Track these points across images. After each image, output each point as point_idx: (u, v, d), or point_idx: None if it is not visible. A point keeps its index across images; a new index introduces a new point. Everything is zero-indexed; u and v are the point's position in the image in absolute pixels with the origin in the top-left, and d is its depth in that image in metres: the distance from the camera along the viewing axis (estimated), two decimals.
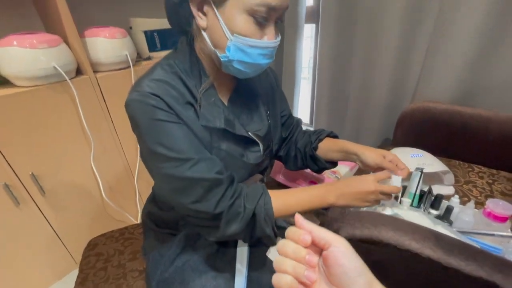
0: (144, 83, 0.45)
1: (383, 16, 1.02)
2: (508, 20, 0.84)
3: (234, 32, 0.44)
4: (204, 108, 0.49)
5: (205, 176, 0.44)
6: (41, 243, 0.97)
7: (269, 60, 0.48)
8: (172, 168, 0.44)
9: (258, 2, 0.41)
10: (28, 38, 0.80)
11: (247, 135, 0.54)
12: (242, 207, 0.46)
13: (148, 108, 0.43)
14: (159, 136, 0.44)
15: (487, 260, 0.39)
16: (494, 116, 0.88)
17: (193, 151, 0.45)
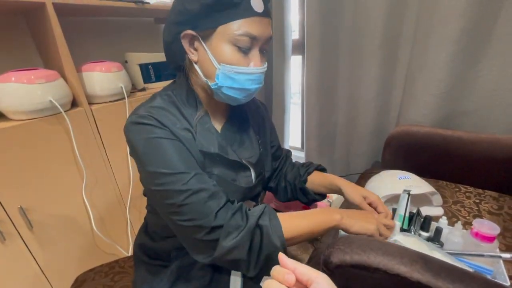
0: (142, 109, 0.49)
1: (363, 46, 1.10)
2: (478, 50, 0.92)
3: (221, 62, 0.48)
4: (200, 134, 0.52)
5: (204, 186, 0.46)
6: (25, 280, 0.92)
7: (257, 85, 0.52)
8: (170, 184, 0.45)
9: (240, 32, 0.46)
10: (26, 74, 0.83)
11: (239, 160, 0.57)
12: (243, 219, 0.46)
13: (144, 128, 0.47)
14: (155, 154, 0.46)
15: (474, 282, 0.40)
16: (474, 138, 0.92)
17: (189, 166, 0.47)
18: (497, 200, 0.87)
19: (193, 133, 0.52)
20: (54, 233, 0.96)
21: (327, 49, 1.19)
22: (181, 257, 0.60)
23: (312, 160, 1.42)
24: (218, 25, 0.46)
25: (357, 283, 0.52)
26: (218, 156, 0.53)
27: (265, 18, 0.48)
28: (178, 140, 0.48)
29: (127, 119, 0.49)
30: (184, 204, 0.44)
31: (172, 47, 0.52)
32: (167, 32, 0.51)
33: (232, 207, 0.48)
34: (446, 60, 0.94)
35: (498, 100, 0.94)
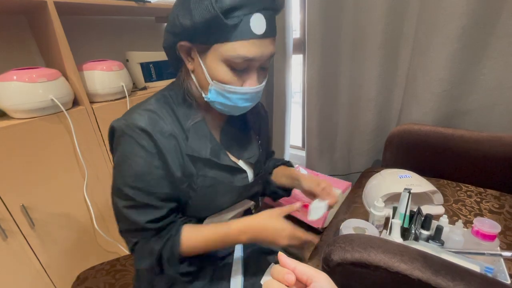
0: (135, 113, 0.49)
1: (364, 46, 1.10)
2: (480, 49, 0.92)
3: (214, 79, 0.47)
4: (192, 138, 0.52)
5: (137, 220, 0.49)
6: (27, 278, 0.93)
7: (250, 103, 0.51)
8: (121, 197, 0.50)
9: (233, 54, 0.44)
10: (27, 72, 0.84)
11: (232, 164, 0.58)
12: (150, 247, 0.51)
13: (128, 141, 0.47)
14: (125, 169, 0.49)
15: (474, 279, 0.40)
16: (476, 136, 0.92)
17: (146, 193, 0.49)
18: (498, 199, 0.87)
19: (180, 139, 0.51)
20: (55, 231, 0.96)
21: (328, 48, 1.18)
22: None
23: (313, 159, 1.43)
24: (213, 43, 0.44)
25: (357, 281, 0.52)
26: (209, 161, 0.54)
27: (267, 39, 0.45)
28: (160, 156, 0.49)
29: (118, 119, 0.49)
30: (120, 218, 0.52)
31: (170, 53, 0.52)
32: (165, 39, 0.50)
33: (153, 239, 0.51)
34: (448, 58, 0.93)
35: (500, 98, 0.94)
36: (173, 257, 0.51)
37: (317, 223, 1.02)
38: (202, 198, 0.54)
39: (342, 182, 1.21)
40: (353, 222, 0.74)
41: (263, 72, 0.51)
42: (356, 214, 0.89)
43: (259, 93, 0.52)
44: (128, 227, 0.51)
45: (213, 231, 0.53)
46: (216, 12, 0.39)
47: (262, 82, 0.51)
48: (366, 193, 0.93)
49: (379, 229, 0.75)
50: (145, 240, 0.51)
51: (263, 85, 0.52)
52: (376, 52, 1.08)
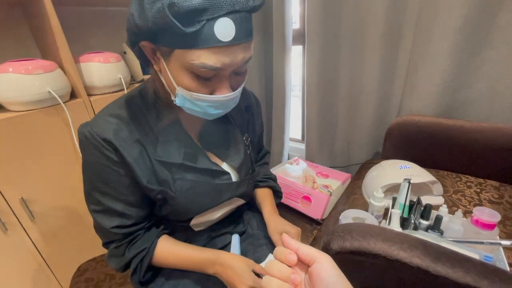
0: (101, 119, 0.47)
1: (365, 36, 1.08)
2: (482, 39, 0.90)
3: (179, 85, 0.42)
4: (163, 142, 0.50)
5: (104, 224, 0.50)
6: (28, 271, 0.94)
7: (222, 110, 0.47)
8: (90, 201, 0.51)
9: (197, 63, 0.38)
10: (23, 64, 0.83)
11: (212, 167, 0.55)
12: (122, 252, 0.52)
13: (92, 151, 0.46)
14: (92, 175, 0.48)
15: (474, 266, 0.40)
16: (476, 127, 0.92)
17: (113, 199, 0.49)
18: (498, 189, 0.87)
19: (148, 145, 0.49)
20: (55, 223, 0.96)
21: (328, 38, 1.17)
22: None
23: (313, 152, 1.43)
24: (174, 47, 0.39)
25: (356, 270, 0.52)
26: (184, 165, 0.51)
27: (237, 45, 0.39)
28: (125, 165, 0.47)
29: (86, 123, 0.47)
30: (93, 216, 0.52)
31: (136, 52, 0.46)
32: (127, 36, 0.44)
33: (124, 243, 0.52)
34: (449, 49, 0.92)
35: (501, 89, 0.93)
36: (141, 268, 0.52)
37: (316, 214, 1.02)
38: (182, 202, 0.52)
39: (341, 173, 1.21)
40: (352, 213, 0.74)
41: (238, 77, 0.45)
42: (355, 205, 0.89)
43: (234, 99, 0.47)
44: (99, 228, 0.52)
45: (185, 253, 0.53)
46: (169, 18, 0.34)
47: (237, 89, 0.46)
48: (365, 184, 0.93)
49: (378, 220, 0.75)
50: (118, 242, 0.52)
51: (239, 91, 0.46)
52: (376, 43, 1.06)
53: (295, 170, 1.27)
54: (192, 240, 0.63)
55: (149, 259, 0.52)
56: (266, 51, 1.45)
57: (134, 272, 0.53)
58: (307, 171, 1.25)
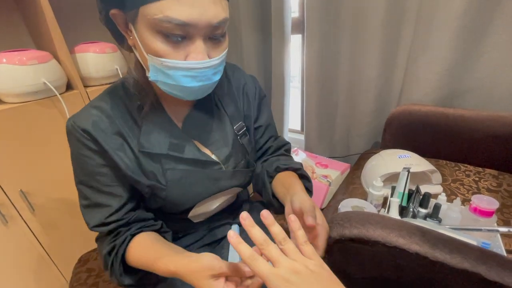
0: (84, 110, 0.47)
1: (366, 24, 1.06)
2: (484, 25, 0.89)
3: (148, 52, 0.39)
4: (146, 133, 0.48)
5: (89, 222, 0.49)
6: (29, 262, 0.95)
7: (200, 83, 0.41)
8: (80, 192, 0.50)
9: (160, 17, 0.35)
10: (17, 55, 0.81)
11: (200, 157, 0.52)
12: (101, 248, 0.50)
13: (75, 142, 0.46)
14: (77, 168, 0.48)
15: (472, 252, 0.40)
16: (476, 116, 0.91)
17: (98, 192, 0.48)
18: (496, 178, 0.87)
19: (130, 137, 0.47)
20: (56, 215, 0.97)
21: (328, 27, 1.15)
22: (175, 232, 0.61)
23: (312, 142, 1.42)
24: (138, 5, 0.36)
25: (355, 258, 0.52)
26: (170, 156, 0.49)
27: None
28: (107, 159, 0.46)
29: (71, 117, 0.47)
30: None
31: (110, 28, 0.43)
32: (98, 9, 0.42)
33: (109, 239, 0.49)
34: (451, 36, 0.91)
35: (502, 77, 0.92)
36: (116, 267, 0.48)
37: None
38: (174, 193, 0.50)
39: (340, 164, 1.21)
40: (351, 202, 0.74)
41: (216, 42, 0.40)
42: (354, 194, 0.89)
43: (215, 69, 0.41)
44: (87, 225, 0.50)
45: (154, 257, 0.44)
46: None
47: (216, 55, 0.40)
48: (365, 174, 0.93)
49: (377, 208, 0.76)
50: (102, 238, 0.50)
51: (219, 59, 0.41)
52: (377, 31, 1.05)
53: None
54: (191, 231, 0.62)
55: (120, 257, 0.47)
56: (264, 41, 1.43)
57: (112, 272, 0.49)
58: (306, 161, 1.25)
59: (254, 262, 0.31)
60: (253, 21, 1.37)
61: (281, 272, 0.30)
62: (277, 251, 0.32)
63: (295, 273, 0.30)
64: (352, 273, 0.54)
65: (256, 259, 0.31)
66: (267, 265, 0.31)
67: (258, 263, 0.31)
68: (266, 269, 0.30)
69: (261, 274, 0.30)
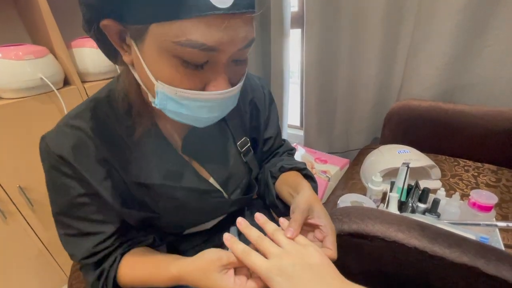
0: (60, 132, 0.39)
1: (366, 18, 1.06)
2: (485, 19, 0.88)
3: (158, 79, 0.31)
4: (137, 160, 0.41)
5: (72, 253, 0.42)
6: (29, 258, 0.95)
7: (217, 113, 0.35)
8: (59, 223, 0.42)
9: (182, 41, 0.27)
10: (13, 49, 0.80)
11: (200, 186, 0.46)
12: (87, 276, 0.43)
13: (49, 169, 0.39)
14: (55, 197, 0.40)
15: (470, 246, 0.40)
16: (476, 111, 0.91)
17: (82, 220, 0.40)
18: (495, 173, 0.87)
19: (118, 164, 0.40)
20: None
21: (327, 21, 1.14)
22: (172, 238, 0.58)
23: (311, 138, 1.42)
24: (149, 22, 0.28)
25: (354, 252, 0.52)
26: (164, 186, 0.42)
27: (238, 16, 0.28)
28: (88, 188, 0.39)
29: (42, 137, 0.40)
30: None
31: (96, 38, 0.34)
32: (82, 15, 0.32)
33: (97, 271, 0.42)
34: (452, 30, 0.90)
35: (503, 72, 0.92)
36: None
37: None
38: (169, 221, 0.46)
39: (340, 159, 1.21)
40: (350, 197, 0.74)
41: (238, 66, 0.34)
42: (353, 190, 0.89)
43: (233, 98, 0.35)
44: (70, 256, 0.43)
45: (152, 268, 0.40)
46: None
47: (238, 82, 0.35)
48: (364, 169, 0.93)
49: (376, 204, 0.76)
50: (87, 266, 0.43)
51: (239, 87, 0.35)
52: (377, 25, 1.04)
53: None
54: (188, 240, 0.56)
55: (112, 281, 0.41)
56: (263, 35, 1.42)
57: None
58: (306, 157, 1.25)
59: (247, 256, 0.31)
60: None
61: (273, 261, 0.30)
62: (269, 243, 0.33)
63: (286, 260, 0.30)
64: (351, 267, 0.54)
65: (248, 253, 0.31)
66: (260, 258, 0.31)
67: (251, 257, 0.31)
68: (259, 261, 0.31)
69: (255, 267, 0.30)
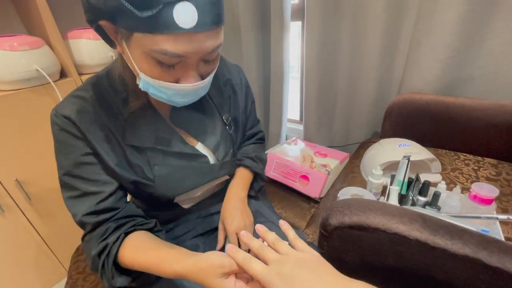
0: (66, 100, 0.45)
1: (367, 9, 1.04)
2: (488, 12, 0.87)
3: (140, 70, 0.39)
4: (132, 127, 0.47)
5: (75, 212, 0.45)
6: (28, 251, 0.94)
7: (190, 98, 0.44)
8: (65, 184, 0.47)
9: (157, 49, 0.35)
10: (8, 40, 0.79)
11: (187, 150, 0.53)
12: (89, 248, 0.46)
13: (59, 132, 0.44)
14: (62, 158, 0.46)
15: (472, 238, 0.40)
16: (477, 105, 0.90)
17: (85, 181, 0.45)
18: (495, 166, 0.87)
19: (116, 130, 0.46)
20: (53, 205, 0.96)
21: (328, 13, 1.12)
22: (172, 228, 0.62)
23: (311, 132, 1.41)
24: (132, 31, 0.35)
25: (354, 245, 0.52)
26: (157, 149, 0.49)
27: (202, 32, 0.35)
28: (92, 149, 0.45)
29: (54, 107, 0.45)
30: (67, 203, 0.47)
31: (97, 30, 0.41)
32: (85, 14, 0.39)
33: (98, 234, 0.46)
34: (455, 21, 0.88)
35: (505, 65, 0.90)
36: (107, 269, 0.44)
37: (314, 193, 1.03)
38: (162, 188, 0.51)
39: (340, 153, 1.20)
40: (351, 190, 0.74)
41: (207, 64, 0.41)
42: (353, 183, 0.89)
43: (204, 87, 0.44)
44: (73, 217, 0.47)
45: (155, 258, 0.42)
46: (120, 0, 0.31)
47: (206, 77, 0.42)
48: (364, 163, 0.93)
49: (376, 197, 0.75)
50: (89, 235, 0.47)
51: (208, 80, 0.43)
52: (379, 17, 1.02)
53: (293, 150, 1.27)
54: (182, 220, 0.62)
55: (113, 257, 0.44)
56: (263, 28, 1.40)
57: (102, 274, 0.45)
58: (305, 150, 1.24)
59: (247, 262, 0.33)
60: (251, 8, 1.34)
61: (273, 266, 0.32)
62: (269, 251, 0.34)
63: (285, 264, 0.32)
64: (351, 260, 0.54)
65: (249, 260, 0.33)
66: (260, 264, 0.33)
67: (251, 263, 0.33)
68: (259, 267, 0.32)
69: (255, 273, 0.32)
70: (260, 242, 0.36)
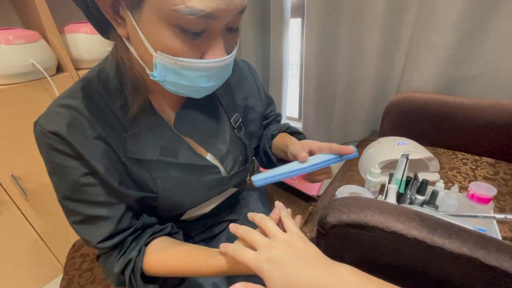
0: (52, 112, 0.38)
1: (367, 7, 1.03)
2: (488, 11, 0.86)
3: (158, 49, 0.32)
4: (132, 137, 0.41)
5: (89, 239, 0.41)
6: (24, 247, 0.94)
7: (216, 82, 0.37)
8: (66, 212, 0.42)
9: (182, 8, 0.28)
10: (3, 33, 0.77)
11: (196, 161, 0.46)
12: (110, 267, 0.43)
13: (47, 151, 0.38)
14: (58, 181, 0.40)
15: (470, 237, 0.40)
16: (476, 104, 0.90)
17: (88, 204, 0.40)
18: (493, 166, 0.87)
19: (114, 141, 0.40)
20: (49, 201, 0.95)
21: (328, 10, 1.11)
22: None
23: (309, 130, 1.41)
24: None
25: (352, 243, 0.52)
26: (162, 161, 0.43)
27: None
28: (87, 167, 0.38)
29: (36, 121, 0.39)
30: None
31: (87, 12, 0.35)
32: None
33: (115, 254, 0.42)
34: (455, 19, 0.88)
35: (505, 64, 0.90)
36: (135, 283, 0.42)
37: (312, 191, 1.03)
38: (167, 201, 0.45)
39: None
40: (348, 188, 0.74)
41: (232, 35, 0.36)
42: (351, 181, 0.89)
43: (229, 66, 0.37)
44: (85, 243, 0.43)
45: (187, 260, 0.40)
46: None
47: (232, 51, 0.37)
48: (362, 161, 0.93)
49: (374, 195, 0.75)
50: (106, 255, 0.43)
51: (233, 55, 0.37)
52: (379, 14, 1.01)
53: None
54: (186, 229, 0.57)
55: (139, 270, 0.42)
56: (262, 24, 1.39)
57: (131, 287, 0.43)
58: None
59: (237, 252, 0.33)
60: (251, 4, 1.33)
61: (261, 252, 0.32)
62: (256, 235, 0.35)
63: (272, 250, 0.32)
64: (348, 258, 0.54)
65: (238, 250, 0.33)
66: (249, 251, 0.33)
67: (241, 252, 0.33)
68: (248, 255, 0.32)
69: (245, 261, 0.32)
70: (245, 226, 0.37)
